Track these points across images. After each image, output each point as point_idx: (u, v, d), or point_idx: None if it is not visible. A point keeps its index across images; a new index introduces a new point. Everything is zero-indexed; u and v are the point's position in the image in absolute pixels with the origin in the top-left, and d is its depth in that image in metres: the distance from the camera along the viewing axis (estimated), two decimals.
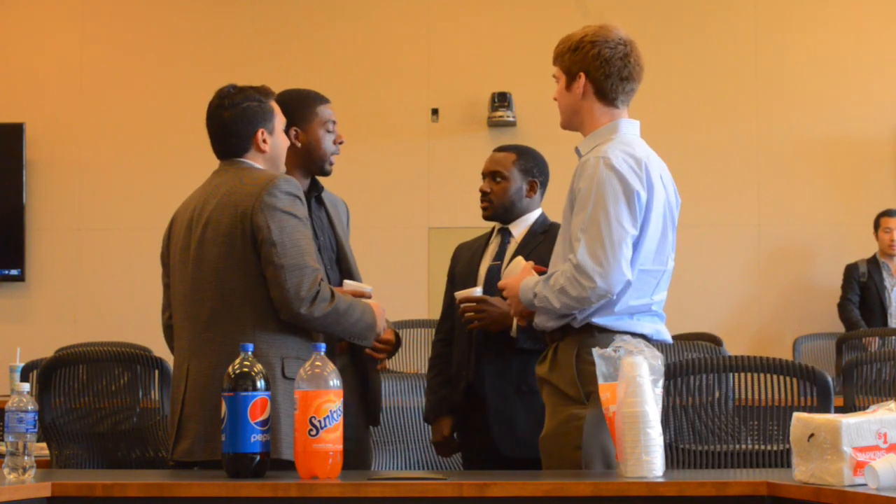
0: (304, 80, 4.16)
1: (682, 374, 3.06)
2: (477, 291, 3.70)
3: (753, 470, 2.93)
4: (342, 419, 2.65)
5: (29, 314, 7.72)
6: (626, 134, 3.12)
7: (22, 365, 4.39)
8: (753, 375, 3.07)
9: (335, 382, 2.63)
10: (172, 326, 3.20)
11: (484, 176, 3.90)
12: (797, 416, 2.45)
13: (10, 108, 7.76)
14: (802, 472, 2.41)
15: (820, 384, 2.98)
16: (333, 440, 2.62)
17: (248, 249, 3.01)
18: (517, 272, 3.21)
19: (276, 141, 3.20)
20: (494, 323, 3.64)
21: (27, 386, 2.67)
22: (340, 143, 3.51)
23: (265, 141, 3.16)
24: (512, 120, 7.66)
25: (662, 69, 7.36)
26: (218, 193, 3.09)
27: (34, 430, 2.64)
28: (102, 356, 3.84)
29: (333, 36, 7.84)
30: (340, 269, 3.47)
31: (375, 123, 7.69)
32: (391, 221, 7.68)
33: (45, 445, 3.78)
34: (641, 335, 3.03)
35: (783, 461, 2.94)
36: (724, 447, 3.03)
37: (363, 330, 3.13)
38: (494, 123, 7.67)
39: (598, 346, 2.77)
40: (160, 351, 3.66)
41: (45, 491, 2.56)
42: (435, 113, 7.78)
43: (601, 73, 3.11)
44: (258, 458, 2.67)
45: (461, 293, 3.71)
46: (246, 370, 2.68)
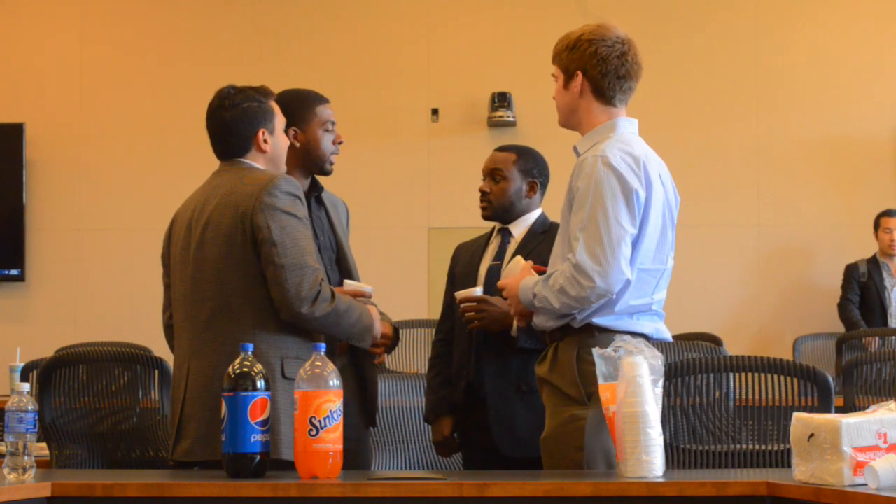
0: (304, 80, 4.16)
1: (682, 374, 3.06)
2: (477, 291, 3.70)
3: (753, 470, 2.93)
4: (342, 419, 2.65)
5: (29, 314, 7.72)
6: (624, 132, 3.11)
7: (22, 365, 4.39)
8: (754, 375, 3.07)
9: (335, 382, 2.63)
10: (173, 326, 3.20)
11: (484, 175, 3.90)
12: (797, 416, 2.45)
13: (10, 108, 7.76)
14: (802, 472, 2.41)
15: (821, 384, 2.98)
16: (333, 440, 2.62)
17: (248, 249, 3.01)
18: (517, 272, 3.21)
19: (276, 141, 3.20)
20: (495, 323, 3.64)
21: (27, 386, 2.67)
22: (340, 143, 3.51)
23: (266, 141, 3.17)
24: (512, 120, 7.66)
25: (662, 69, 7.37)
26: (218, 193, 3.09)
27: (34, 430, 2.64)
28: (102, 356, 3.84)
29: (333, 36, 7.84)
30: (340, 269, 3.47)
31: (375, 123, 7.69)
32: (391, 221, 7.68)
33: (45, 445, 3.78)
34: (642, 335, 3.03)
35: (783, 461, 2.94)
36: (724, 447, 3.03)
37: (361, 331, 3.14)
38: (494, 123, 7.67)
39: (598, 346, 2.76)
40: (160, 351, 3.66)
41: (45, 491, 2.56)
42: (435, 113, 7.78)
43: (598, 71, 3.10)
44: (258, 458, 2.67)
45: (461, 293, 3.71)
46: (246, 370, 2.68)
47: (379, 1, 7.93)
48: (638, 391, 2.60)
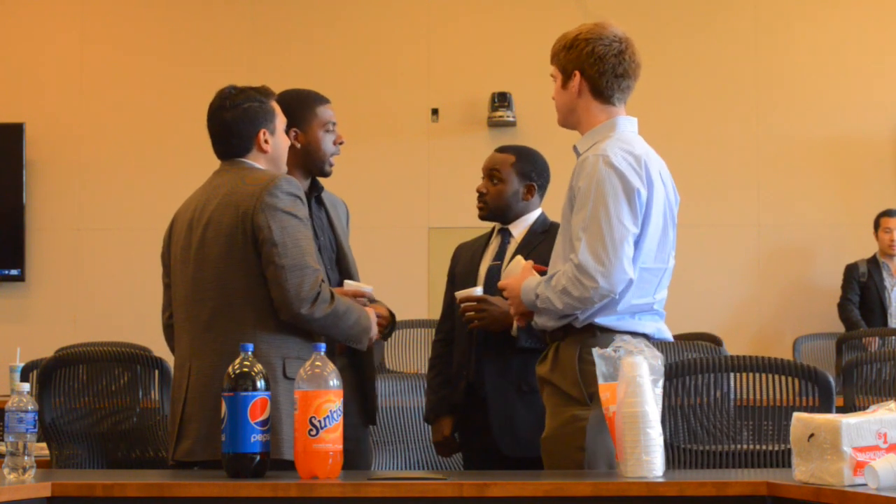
0: (304, 80, 4.16)
1: (683, 374, 3.05)
2: (477, 291, 3.70)
3: (753, 470, 2.92)
4: (342, 419, 2.65)
5: (29, 314, 7.72)
6: (624, 131, 3.11)
7: (22, 365, 4.38)
8: (754, 375, 3.07)
9: (335, 382, 2.63)
10: (173, 326, 3.20)
11: (483, 175, 3.90)
12: (797, 416, 2.44)
13: (10, 108, 7.76)
14: (802, 472, 2.41)
15: (822, 384, 2.98)
16: (333, 440, 2.62)
17: (249, 249, 3.01)
18: (517, 272, 3.20)
19: (277, 141, 3.20)
20: (495, 322, 3.64)
21: (27, 386, 2.67)
22: (340, 143, 3.50)
23: (267, 141, 3.17)
24: (512, 120, 7.66)
25: (662, 69, 7.37)
26: (219, 193, 3.09)
27: (34, 430, 2.64)
28: (102, 356, 3.84)
29: (333, 36, 7.84)
30: (340, 269, 3.47)
31: (375, 123, 7.69)
32: (391, 221, 7.68)
33: (45, 445, 3.78)
34: (643, 334, 3.03)
35: (784, 461, 2.94)
36: (724, 447, 3.02)
37: (359, 333, 3.14)
38: (494, 123, 7.67)
39: (600, 345, 2.75)
40: (160, 351, 3.66)
41: (45, 491, 2.56)
42: (435, 113, 7.78)
43: (595, 70, 3.10)
44: (258, 458, 2.67)
45: (462, 293, 3.70)
46: (246, 370, 2.68)
47: (379, 1, 7.93)
48: (638, 391, 2.60)
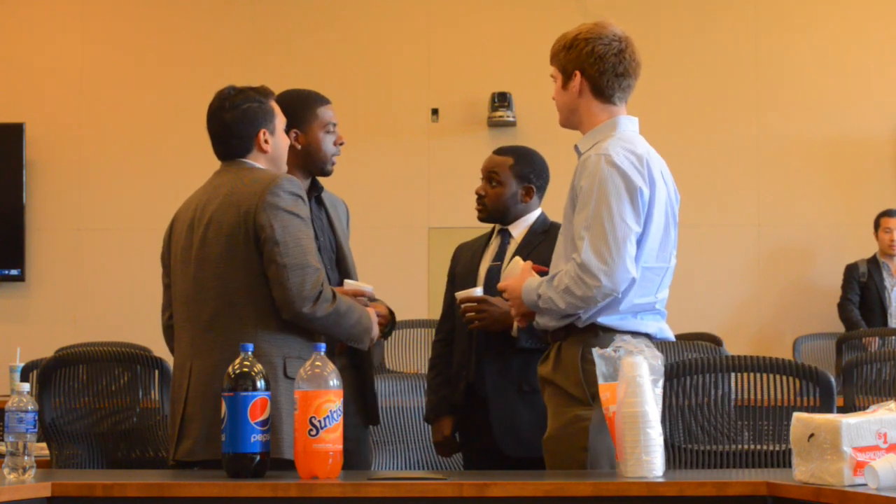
0: (304, 80, 4.16)
1: (684, 373, 3.04)
2: (477, 291, 3.70)
3: (753, 470, 2.92)
4: (342, 419, 2.65)
5: (29, 314, 7.72)
6: (625, 131, 3.10)
7: (22, 365, 4.38)
8: (756, 375, 3.07)
9: (335, 382, 2.63)
10: (172, 327, 3.20)
11: (482, 176, 3.89)
12: (797, 416, 2.44)
13: (10, 108, 7.76)
14: (802, 472, 2.41)
15: (823, 385, 2.98)
16: (333, 440, 2.62)
17: (250, 248, 3.01)
18: (517, 273, 3.20)
19: (277, 141, 3.20)
20: (495, 323, 3.64)
21: (27, 386, 2.67)
22: (341, 144, 3.50)
23: (267, 141, 3.17)
24: (512, 120, 7.66)
25: (662, 69, 7.37)
26: (220, 193, 3.09)
27: (34, 430, 2.64)
28: (102, 356, 3.84)
29: (333, 36, 7.84)
30: (339, 269, 3.46)
31: (375, 123, 7.69)
32: (391, 221, 7.68)
33: (45, 445, 3.78)
34: (645, 334, 3.03)
35: (785, 461, 2.94)
36: (725, 447, 3.02)
37: (360, 333, 3.14)
38: (494, 123, 7.67)
39: (602, 345, 2.74)
40: (160, 351, 3.66)
41: (45, 491, 2.56)
42: (435, 113, 7.78)
43: (596, 69, 3.09)
44: (258, 458, 2.67)
45: (462, 293, 3.70)
46: (246, 370, 2.68)
47: (379, 1, 7.93)
48: (638, 391, 2.60)
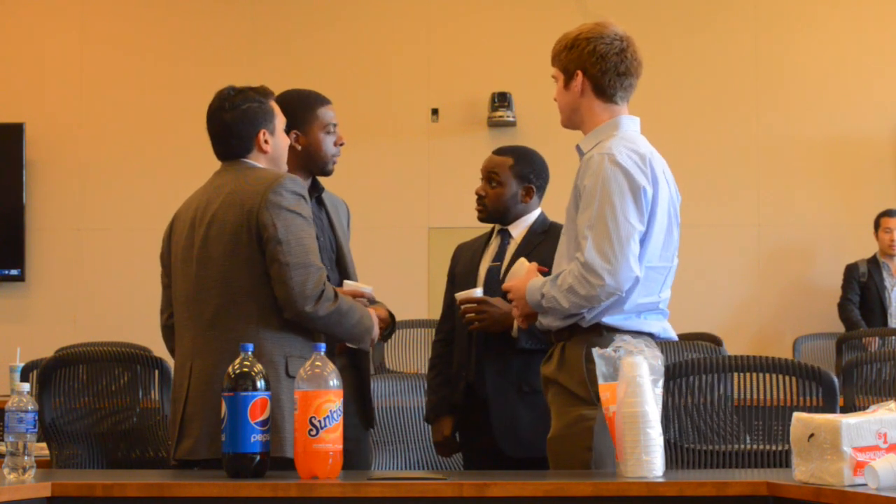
0: (304, 80, 4.16)
1: (687, 373, 3.04)
2: (478, 292, 3.70)
3: (753, 470, 2.92)
4: (342, 419, 2.65)
5: (29, 314, 7.72)
6: (627, 130, 3.11)
7: (22, 365, 4.38)
8: (759, 376, 3.06)
9: (335, 382, 2.63)
10: (171, 327, 3.20)
11: (482, 176, 3.89)
12: (797, 416, 2.44)
13: (10, 108, 7.76)
14: (802, 472, 2.41)
15: (826, 385, 2.97)
16: (333, 440, 2.62)
17: (253, 247, 3.01)
18: (521, 274, 3.20)
19: (277, 141, 3.20)
20: (495, 323, 3.64)
21: (27, 386, 2.67)
22: (341, 144, 3.50)
23: (267, 142, 3.17)
24: (512, 120, 7.66)
25: (662, 69, 7.37)
26: (222, 192, 3.09)
27: (34, 430, 2.64)
28: (102, 356, 3.84)
29: (333, 36, 7.84)
30: (339, 270, 3.46)
31: (375, 123, 7.69)
32: (391, 221, 7.68)
33: (45, 445, 3.78)
34: (649, 334, 3.03)
35: (787, 461, 2.93)
36: (727, 447, 3.01)
37: (362, 333, 3.14)
38: (494, 123, 7.67)
39: (607, 345, 2.73)
40: (160, 351, 3.66)
41: (45, 491, 2.56)
42: (435, 113, 7.78)
43: (598, 69, 3.10)
44: (258, 458, 2.66)
45: (462, 294, 3.70)
46: (246, 370, 2.68)
47: (379, 1, 7.93)
48: (638, 391, 2.60)
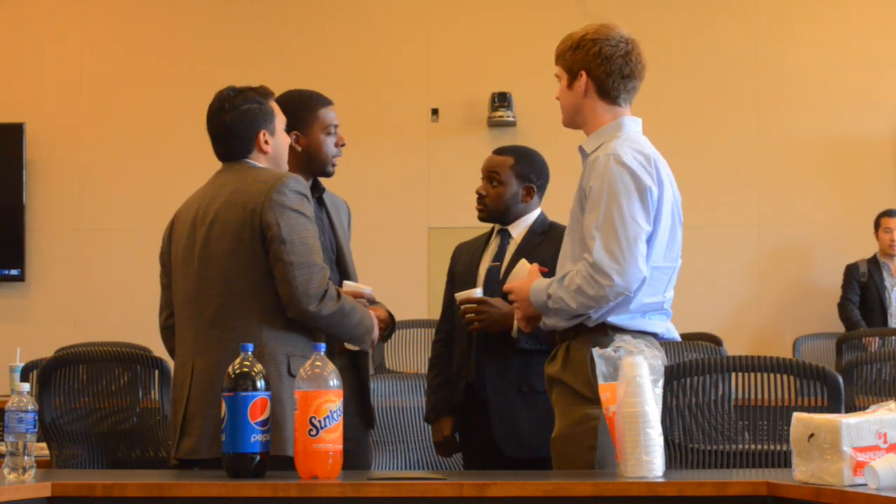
0: (304, 80, 4.16)
1: (690, 373, 3.03)
2: (477, 292, 3.70)
3: (753, 470, 2.92)
4: (342, 419, 2.65)
5: (29, 314, 7.72)
6: (630, 131, 3.12)
7: (22, 365, 4.38)
8: (763, 375, 3.06)
9: (335, 382, 2.63)
10: (170, 327, 3.20)
11: (482, 176, 3.89)
12: (797, 416, 2.44)
13: (10, 108, 7.76)
14: (802, 472, 2.41)
15: (830, 384, 2.97)
16: (333, 440, 2.62)
17: (256, 247, 3.01)
18: (523, 275, 3.20)
19: (277, 141, 3.20)
20: (495, 324, 3.64)
21: (27, 386, 2.67)
22: (342, 145, 3.50)
23: (267, 142, 3.17)
24: (512, 120, 7.66)
25: (662, 69, 7.35)
26: (224, 192, 3.09)
27: (34, 430, 2.64)
28: (102, 356, 3.84)
29: (333, 36, 7.84)
30: (339, 270, 3.46)
31: (375, 123, 7.69)
32: (391, 221, 7.68)
33: (45, 445, 3.78)
34: (653, 333, 3.04)
35: (787, 461, 2.93)
36: (728, 447, 3.01)
37: (363, 333, 3.14)
38: (494, 123, 7.67)
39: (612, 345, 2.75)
40: (160, 351, 3.66)
41: (45, 491, 2.56)
42: (435, 113, 7.78)
43: (602, 70, 3.10)
44: (258, 458, 2.66)
45: (461, 294, 3.70)
46: (246, 370, 2.68)
47: (379, 1, 7.93)
48: (638, 391, 2.60)
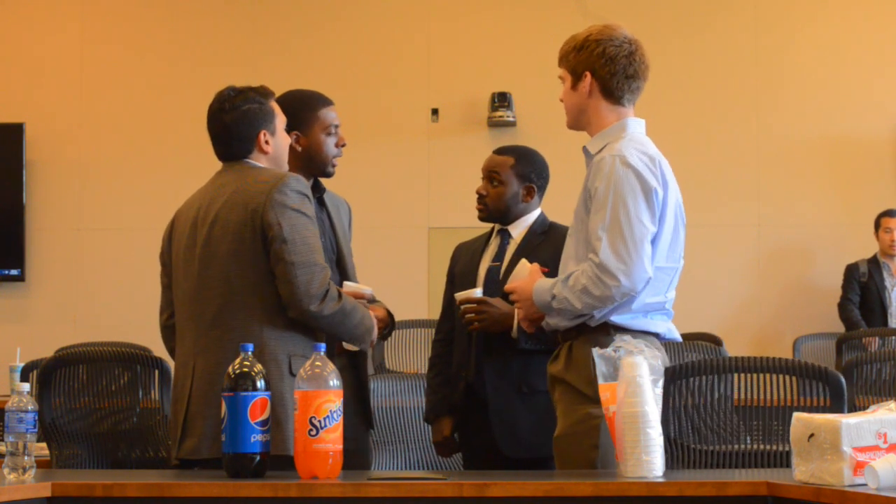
0: (304, 80, 4.16)
1: (691, 374, 3.03)
2: (477, 292, 3.70)
3: (753, 470, 2.92)
4: (342, 419, 2.65)
5: (29, 314, 7.72)
6: (634, 132, 3.12)
7: (22, 365, 4.38)
8: (766, 376, 3.06)
9: (335, 382, 2.63)
10: (171, 327, 3.20)
11: (483, 176, 3.89)
12: (797, 416, 2.44)
13: (10, 108, 7.76)
14: (802, 472, 2.41)
15: (833, 385, 2.96)
16: (333, 440, 2.62)
17: (257, 246, 3.01)
18: (525, 275, 3.20)
19: (278, 141, 3.20)
20: (495, 324, 3.64)
21: (27, 386, 2.67)
22: (342, 145, 3.50)
23: (267, 142, 3.16)
24: (512, 120, 7.65)
25: (662, 70, 7.30)
26: (225, 192, 3.09)
27: (34, 430, 2.64)
28: (102, 356, 3.84)
29: (333, 36, 7.84)
30: (339, 271, 3.46)
31: (375, 123, 7.69)
32: (391, 221, 7.68)
33: (45, 445, 3.78)
34: (655, 334, 3.05)
35: (787, 461, 2.93)
36: (730, 447, 3.01)
37: (363, 333, 3.14)
38: (494, 123, 7.67)
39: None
40: (160, 351, 3.66)
41: (45, 491, 2.56)
42: (435, 113, 7.78)
43: (606, 71, 3.11)
44: (258, 458, 2.67)
45: (461, 294, 3.70)
46: (246, 370, 2.68)
47: (379, 1, 7.93)
48: (638, 391, 2.60)
